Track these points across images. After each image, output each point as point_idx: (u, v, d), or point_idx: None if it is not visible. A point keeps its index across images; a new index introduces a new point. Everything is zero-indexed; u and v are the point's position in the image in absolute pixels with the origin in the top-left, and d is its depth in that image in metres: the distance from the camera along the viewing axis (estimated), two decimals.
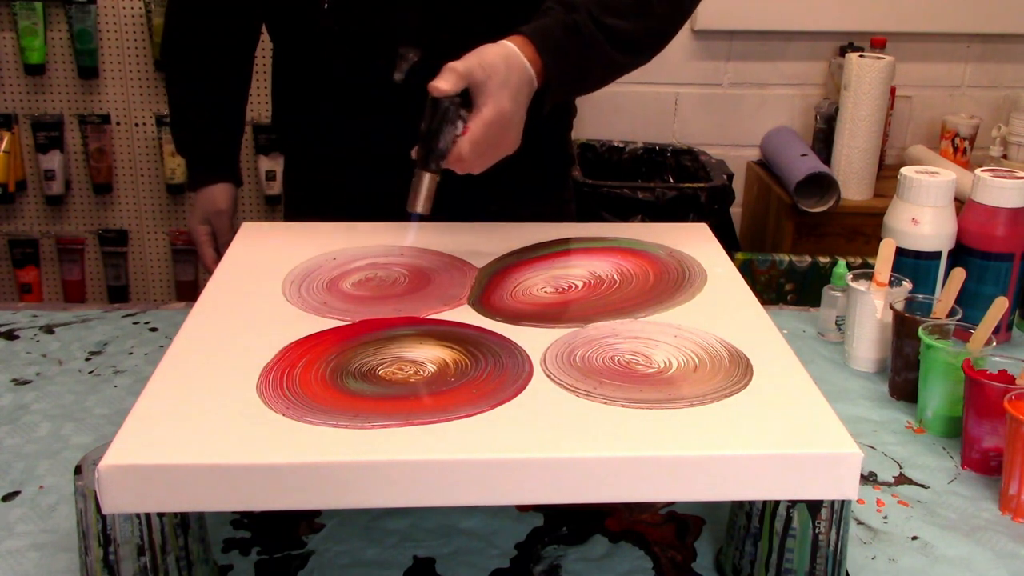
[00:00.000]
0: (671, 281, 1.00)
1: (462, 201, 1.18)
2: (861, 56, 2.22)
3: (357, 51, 1.20)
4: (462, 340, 0.87)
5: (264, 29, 1.38)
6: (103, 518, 0.71)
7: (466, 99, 0.97)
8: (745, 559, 0.79)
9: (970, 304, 1.10)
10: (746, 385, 0.79)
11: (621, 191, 2.16)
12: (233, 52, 1.39)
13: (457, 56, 0.99)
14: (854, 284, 1.15)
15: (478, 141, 0.96)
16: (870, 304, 1.14)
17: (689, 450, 0.70)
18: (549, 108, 1.06)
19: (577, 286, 0.99)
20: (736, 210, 2.48)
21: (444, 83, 0.95)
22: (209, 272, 1.34)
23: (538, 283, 0.99)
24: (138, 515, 0.72)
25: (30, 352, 1.16)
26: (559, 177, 1.40)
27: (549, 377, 0.80)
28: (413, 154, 0.98)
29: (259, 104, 2.39)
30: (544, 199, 1.36)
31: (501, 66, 0.97)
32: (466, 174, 0.99)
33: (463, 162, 0.97)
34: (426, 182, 0.98)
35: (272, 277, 0.99)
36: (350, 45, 1.20)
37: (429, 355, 0.84)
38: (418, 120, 0.99)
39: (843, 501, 0.75)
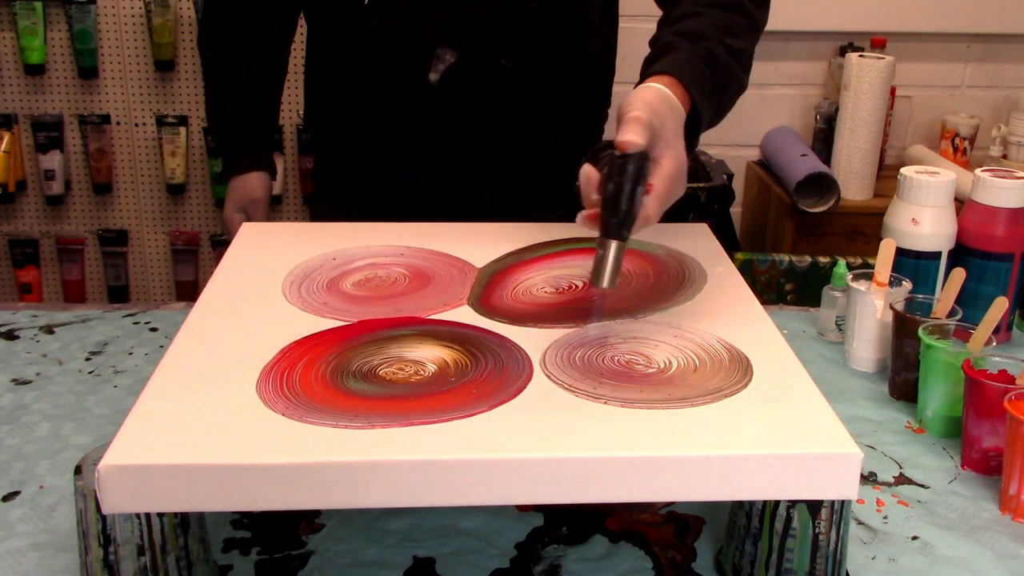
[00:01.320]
0: (671, 281, 1.00)
1: (487, 202, 1.18)
2: (861, 56, 2.22)
3: (394, 51, 1.20)
4: (462, 340, 0.87)
5: (300, 26, 1.38)
6: (103, 518, 0.71)
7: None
8: (745, 559, 0.79)
9: (970, 304, 1.10)
10: (746, 385, 0.79)
11: None
12: (270, 43, 1.40)
13: (492, 58, 0.96)
14: (854, 284, 1.15)
15: (664, 198, 0.86)
16: (870, 304, 1.14)
17: (689, 450, 0.70)
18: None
19: (577, 286, 0.99)
20: (736, 210, 2.47)
21: (637, 136, 0.83)
22: None
23: (538, 283, 0.99)
24: (138, 515, 0.72)
25: (30, 352, 1.16)
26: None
27: (549, 377, 0.80)
28: (580, 220, 0.86)
29: None
30: (574, 203, 1.35)
31: (669, 112, 0.89)
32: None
33: (649, 223, 0.85)
34: (613, 252, 0.83)
35: (272, 277, 0.99)
36: (387, 44, 1.20)
37: (429, 355, 0.84)
38: (446, 124, 0.97)
39: (843, 501, 0.75)
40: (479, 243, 1.09)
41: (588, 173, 0.86)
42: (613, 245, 0.83)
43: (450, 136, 1.24)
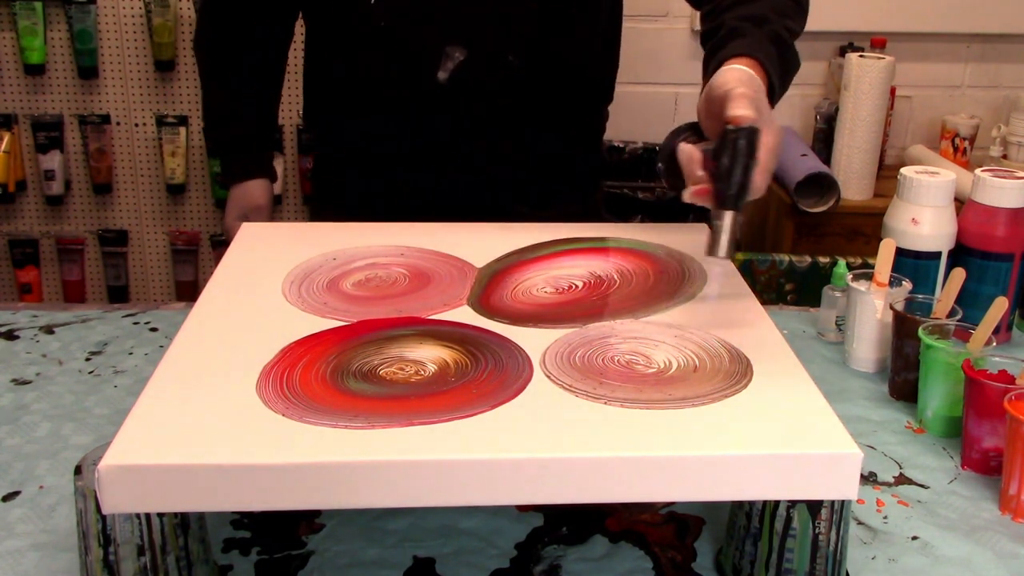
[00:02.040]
0: (671, 281, 1.00)
1: (487, 202, 1.18)
2: (861, 56, 2.22)
3: (401, 50, 1.19)
4: (462, 340, 0.87)
5: (297, 26, 1.38)
6: (103, 518, 0.71)
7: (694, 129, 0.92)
8: (745, 559, 0.79)
9: (970, 304, 1.10)
10: (746, 385, 0.79)
11: (621, 191, 2.16)
12: (268, 45, 1.38)
13: (500, 55, 0.97)
14: (854, 284, 1.15)
15: (769, 170, 0.90)
16: (870, 304, 1.14)
17: (689, 450, 0.70)
18: None
19: (577, 286, 0.99)
20: None
21: (747, 110, 0.88)
22: None
23: (538, 283, 0.99)
24: (138, 515, 0.72)
25: (30, 352, 1.16)
26: (591, 180, 1.40)
27: (549, 377, 0.80)
28: (692, 198, 0.89)
29: None
30: (575, 201, 1.35)
31: (759, 91, 0.94)
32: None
33: (757, 194, 0.90)
34: (729, 223, 0.88)
35: (272, 277, 0.99)
36: (394, 44, 1.19)
37: (429, 355, 0.84)
38: (455, 122, 0.97)
39: (843, 501, 0.75)
40: (479, 243, 1.09)
41: (689, 152, 0.90)
42: (728, 216, 0.88)
43: (451, 136, 1.24)
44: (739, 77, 0.93)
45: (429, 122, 1.22)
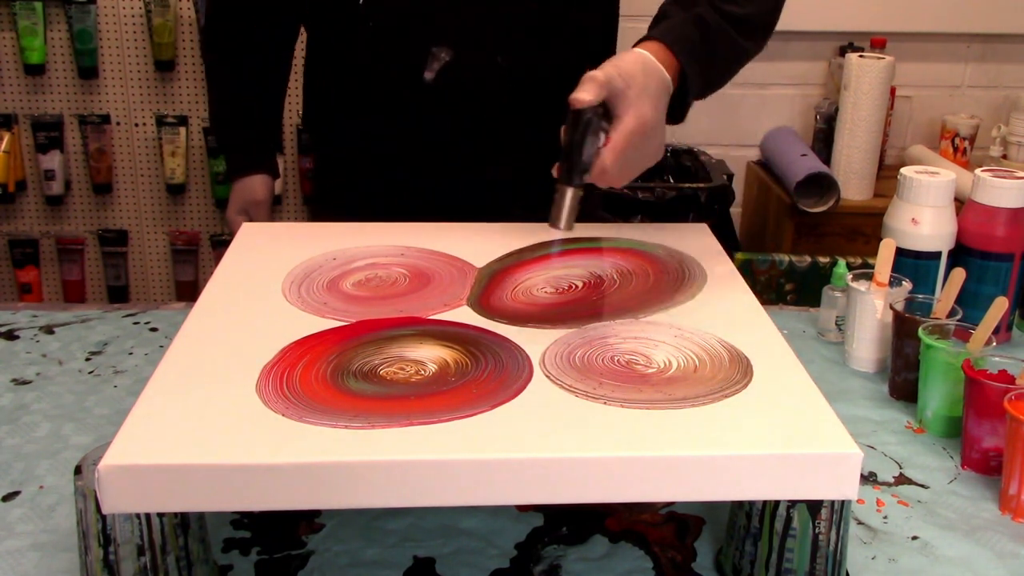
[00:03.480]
0: (671, 281, 1.00)
1: (486, 202, 1.18)
2: (861, 56, 2.22)
3: (390, 49, 1.20)
4: (462, 340, 0.87)
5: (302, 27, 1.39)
6: (103, 518, 0.71)
7: (606, 110, 0.94)
8: (745, 559, 0.79)
9: (970, 304, 1.10)
10: (746, 385, 0.79)
11: (621, 191, 2.16)
12: (273, 46, 1.40)
13: (488, 56, 0.98)
14: (854, 284, 1.15)
15: (621, 151, 0.93)
16: (870, 304, 1.14)
17: (689, 450, 0.70)
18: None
19: (577, 286, 0.99)
20: (736, 210, 2.47)
21: (586, 93, 0.92)
22: None
23: (538, 283, 0.99)
24: (138, 515, 0.72)
25: (30, 352, 1.16)
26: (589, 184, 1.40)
27: (549, 377, 0.80)
28: (554, 171, 0.94)
29: None
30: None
31: (639, 74, 0.95)
32: (608, 187, 0.97)
33: (606, 174, 0.93)
34: (569, 197, 0.93)
35: (272, 277, 0.99)
36: (383, 43, 1.20)
37: (430, 355, 0.84)
38: (443, 122, 0.98)
39: (843, 501, 0.75)
40: (479, 243, 1.09)
41: (561, 131, 0.94)
42: (568, 191, 0.93)
43: (448, 135, 1.24)
44: (615, 61, 0.95)
45: (419, 122, 1.23)
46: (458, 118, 1.23)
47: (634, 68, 0.95)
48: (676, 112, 1.02)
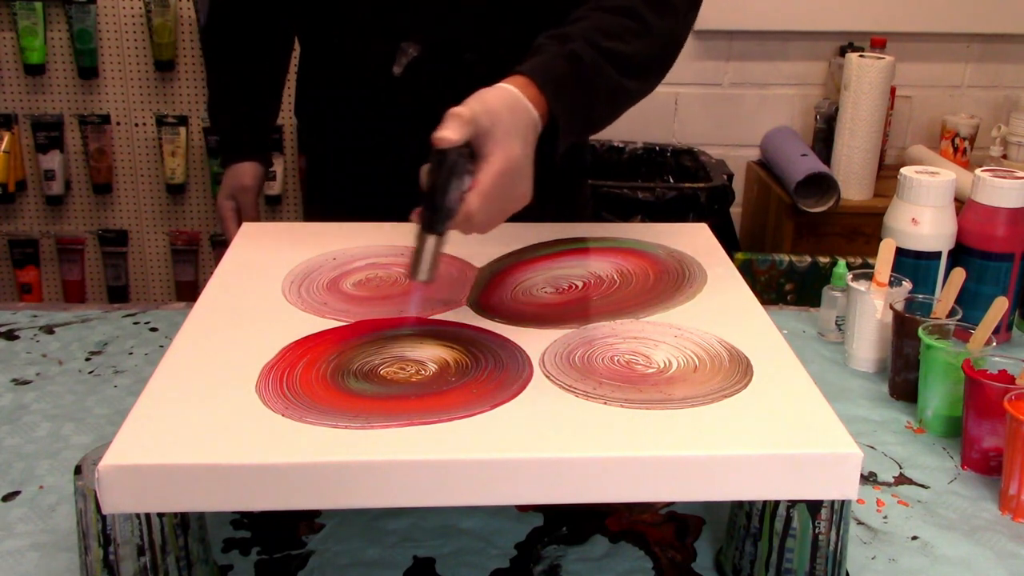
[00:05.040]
0: (671, 281, 1.00)
1: None
2: (861, 56, 2.22)
3: (361, 43, 1.21)
4: (462, 340, 0.87)
5: None
6: (103, 518, 0.71)
7: (471, 150, 0.86)
8: (745, 559, 0.79)
9: (970, 304, 1.10)
10: (746, 385, 0.79)
11: (621, 191, 2.16)
12: (272, 39, 1.42)
13: (456, 53, 0.96)
14: (854, 284, 1.15)
15: (488, 195, 0.85)
16: (870, 304, 1.14)
17: (689, 450, 0.70)
18: (563, 150, 0.97)
19: (577, 286, 0.99)
20: (736, 210, 2.48)
21: (451, 132, 0.84)
22: None
23: (538, 283, 0.99)
24: (138, 515, 0.72)
25: (30, 352, 1.16)
26: (572, 180, 1.39)
27: (548, 377, 0.80)
28: (413, 217, 0.86)
29: None
30: (555, 203, 1.35)
31: (505, 111, 0.88)
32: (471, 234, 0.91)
33: (471, 220, 0.86)
34: (431, 247, 0.85)
35: (272, 277, 0.99)
36: (354, 37, 1.21)
37: (430, 355, 0.84)
38: (413, 118, 0.97)
39: (843, 501, 0.75)
40: (479, 243, 1.09)
41: (422, 171, 0.86)
42: (430, 240, 0.85)
43: (417, 130, 1.24)
44: (481, 96, 0.88)
45: (390, 117, 1.23)
46: (426, 113, 1.23)
47: (500, 105, 0.88)
48: (547, 152, 0.95)
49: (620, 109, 1.04)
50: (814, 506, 0.75)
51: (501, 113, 0.87)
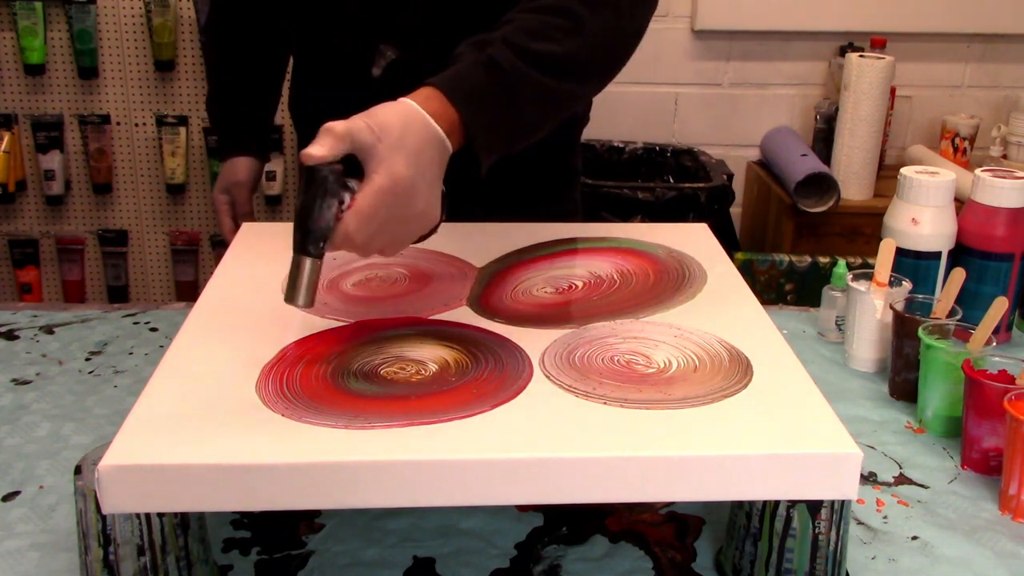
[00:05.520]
0: (671, 281, 1.00)
1: (459, 210, 1.17)
2: (861, 56, 2.22)
3: (341, 45, 1.21)
4: (462, 340, 0.87)
5: None
6: (103, 518, 0.71)
7: (355, 167, 0.81)
8: (745, 559, 0.79)
9: (970, 304, 1.10)
10: (746, 385, 0.79)
11: (621, 191, 2.16)
12: (271, 37, 1.43)
13: (434, 56, 0.94)
14: (854, 284, 1.15)
15: (367, 215, 0.80)
16: (870, 304, 1.14)
17: (689, 450, 0.70)
18: (489, 163, 0.91)
19: (577, 286, 0.99)
20: (736, 210, 2.48)
21: (318, 148, 0.79)
22: (227, 241, 1.36)
23: (538, 283, 0.99)
24: (138, 515, 0.72)
25: (30, 352, 1.16)
26: (563, 181, 1.39)
27: (548, 377, 0.80)
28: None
29: None
30: (547, 204, 1.35)
31: (395, 125, 0.82)
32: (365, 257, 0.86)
33: (351, 242, 0.81)
34: (306, 270, 0.79)
35: (272, 277, 0.99)
36: (336, 38, 1.21)
37: (430, 354, 0.84)
38: None
39: (843, 501, 0.75)
40: (479, 243, 1.09)
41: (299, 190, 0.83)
42: (304, 262, 0.79)
43: None
44: (372, 111, 0.83)
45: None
46: None
47: (392, 119, 0.82)
48: (471, 166, 0.90)
49: (556, 114, 0.97)
50: (814, 506, 0.75)
51: (391, 128, 0.82)
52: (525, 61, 0.91)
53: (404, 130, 0.83)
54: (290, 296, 0.80)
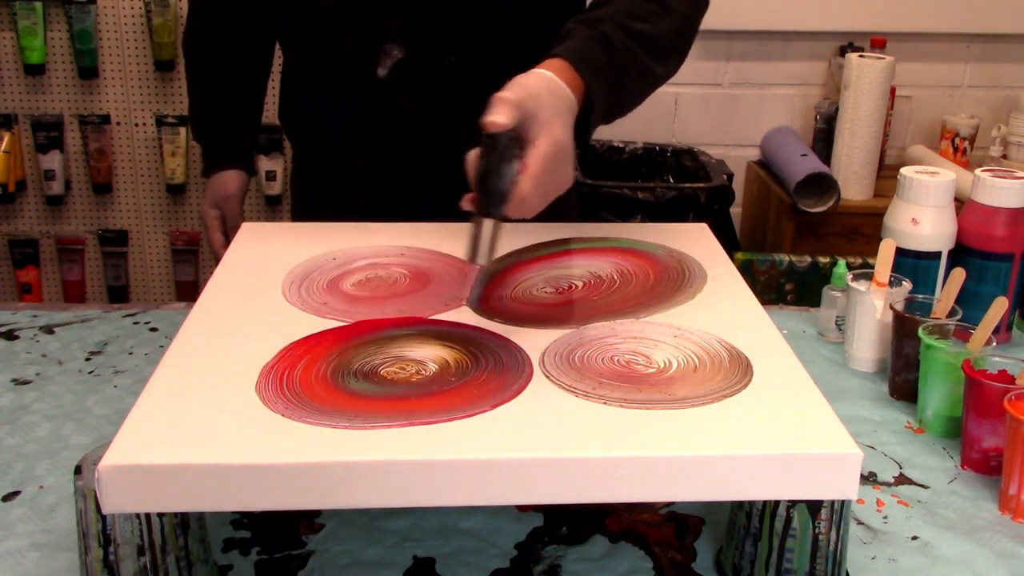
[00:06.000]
0: (671, 281, 1.00)
1: (445, 200, 1.17)
2: (861, 56, 2.22)
3: (345, 45, 1.21)
4: (462, 340, 0.87)
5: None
6: (103, 518, 0.71)
7: (518, 134, 0.87)
8: (745, 559, 0.79)
9: (970, 304, 1.10)
10: (746, 385, 0.79)
11: (621, 191, 2.16)
12: (252, 45, 1.41)
13: (440, 55, 0.97)
14: (854, 284, 1.15)
15: (539, 177, 0.86)
16: (870, 304, 1.14)
17: (689, 450, 0.70)
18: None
19: (577, 286, 0.99)
20: (736, 210, 2.48)
21: (501, 116, 0.85)
22: (216, 256, 1.35)
23: (538, 283, 0.99)
24: (138, 515, 0.72)
25: (30, 352, 1.16)
26: None
27: (548, 377, 0.80)
28: (465, 204, 0.88)
29: None
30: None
31: (547, 95, 0.90)
32: (521, 217, 0.90)
33: (525, 203, 0.86)
34: (489, 230, 0.86)
35: (272, 277, 0.99)
36: (339, 38, 1.21)
37: (430, 354, 0.84)
38: (398, 119, 0.96)
39: (843, 501, 0.75)
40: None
41: (471, 157, 0.88)
42: (486, 224, 0.86)
43: (407, 132, 1.24)
44: (521, 81, 0.89)
45: (376, 118, 1.23)
46: (412, 115, 1.23)
47: (542, 89, 0.90)
48: (580, 134, 0.96)
49: (646, 92, 1.06)
50: (814, 506, 0.75)
51: (543, 97, 0.89)
52: (632, 39, 0.99)
53: (553, 99, 0.90)
54: (474, 256, 0.86)
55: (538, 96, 0.89)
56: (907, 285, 1.14)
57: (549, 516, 0.89)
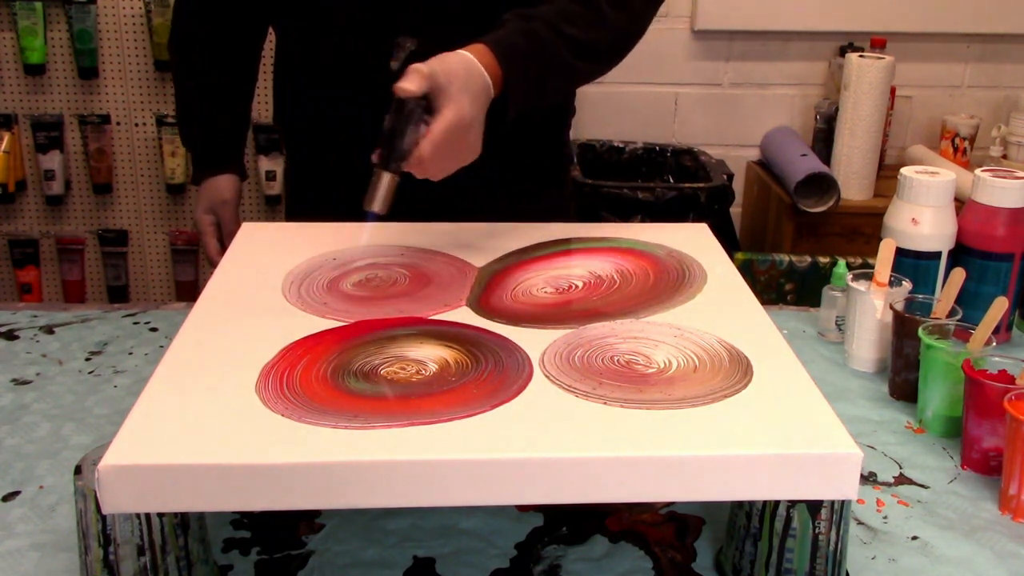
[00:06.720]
0: (671, 281, 1.00)
1: (457, 200, 1.17)
2: (861, 56, 2.22)
3: (358, 38, 1.21)
4: (462, 340, 0.87)
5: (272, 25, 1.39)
6: (103, 518, 0.71)
7: (428, 103, 0.98)
8: (745, 559, 0.79)
9: (970, 304, 1.10)
10: (746, 385, 0.79)
11: (621, 191, 2.16)
12: (239, 47, 1.40)
13: (453, 47, 1.00)
14: (854, 284, 1.15)
15: (439, 143, 0.97)
16: (870, 304, 1.14)
17: (689, 450, 0.70)
18: (514, 115, 1.07)
19: (577, 286, 0.99)
20: (736, 210, 2.48)
21: (410, 84, 0.96)
22: (212, 263, 1.34)
23: (538, 283, 0.99)
24: (138, 515, 0.72)
25: (30, 352, 1.16)
26: (557, 176, 1.40)
27: (548, 378, 0.80)
28: (374, 157, 0.98)
29: (259, 104, 2.39)
30: (541, 198, 1.35)
31: (461, 72, 0.99)
32: (423, 178, 1.00)
33: (423, 164, 0.98)
34: (385, 182, 0.98)
35: (272, 277, 0.99)
36: (351, 33, 1.21)
37: (430, 354, 0.84)
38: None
39: (843, 501, 0.75)
40: (479, 243, 1.09)
41: (386, 118, 0.98)
42: (384, 176, 0.98)
43: None
44: (441, 57, 1.00)
45: (384, 114, 1.23)
46: None
47: (457, 66, 1.00)
48: (498, 117, 1.05)
49: (569, 86, 1.22)
50: (814, 506, 0.75)
51: (457, 73, 0.99)
52: (558, 38, 1.09)
53: (467, 77, 1.00)
54: (369, 202, 0.98)
55: (452, 71, 0.99)
56: (907, 285, 1.14)
57: (549, 516, 0.89)
